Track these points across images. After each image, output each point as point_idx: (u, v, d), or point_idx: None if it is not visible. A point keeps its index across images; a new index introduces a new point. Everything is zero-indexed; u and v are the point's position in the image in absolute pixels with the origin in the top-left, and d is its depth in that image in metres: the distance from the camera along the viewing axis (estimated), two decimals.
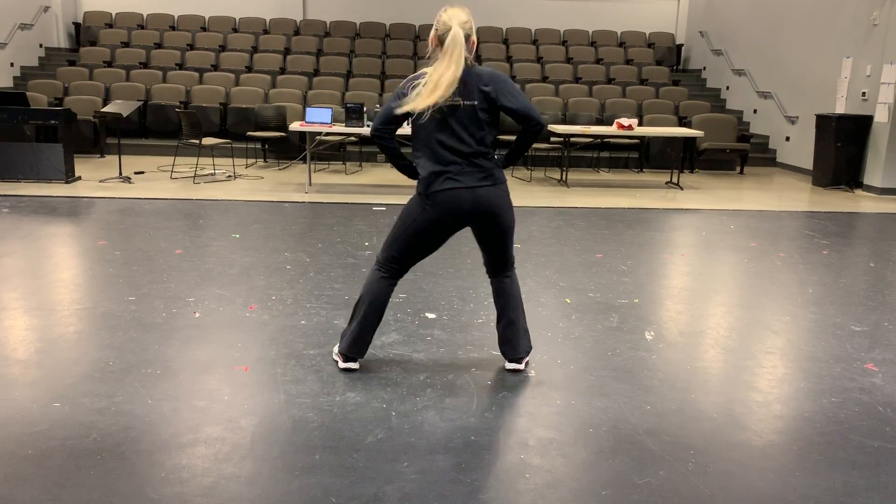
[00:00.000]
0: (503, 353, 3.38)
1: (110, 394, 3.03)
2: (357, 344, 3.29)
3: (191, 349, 3.53)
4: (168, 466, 2.50)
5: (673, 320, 4.19)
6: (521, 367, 3.39)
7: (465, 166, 3.06)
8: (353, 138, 10.13)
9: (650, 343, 3.82)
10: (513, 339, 3.34)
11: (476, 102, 3.02)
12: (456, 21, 3.01)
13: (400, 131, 7.80)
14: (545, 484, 2.47)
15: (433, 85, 2.96)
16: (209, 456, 2.57)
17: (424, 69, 3.08)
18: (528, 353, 3.39)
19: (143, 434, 2.71)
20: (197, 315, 4.00)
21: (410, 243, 3.16)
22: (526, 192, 8.57)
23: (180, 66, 12.42)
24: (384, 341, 3.71)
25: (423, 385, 3.21)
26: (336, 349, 3.43)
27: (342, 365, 3.35)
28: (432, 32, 3.08)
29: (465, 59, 3.02)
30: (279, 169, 9.92)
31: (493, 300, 3.46)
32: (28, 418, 2.81)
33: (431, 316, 4.13)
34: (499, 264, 3.29)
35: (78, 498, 2.30)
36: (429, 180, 3.07)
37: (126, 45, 12.96)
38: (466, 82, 3.02)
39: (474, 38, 3.09)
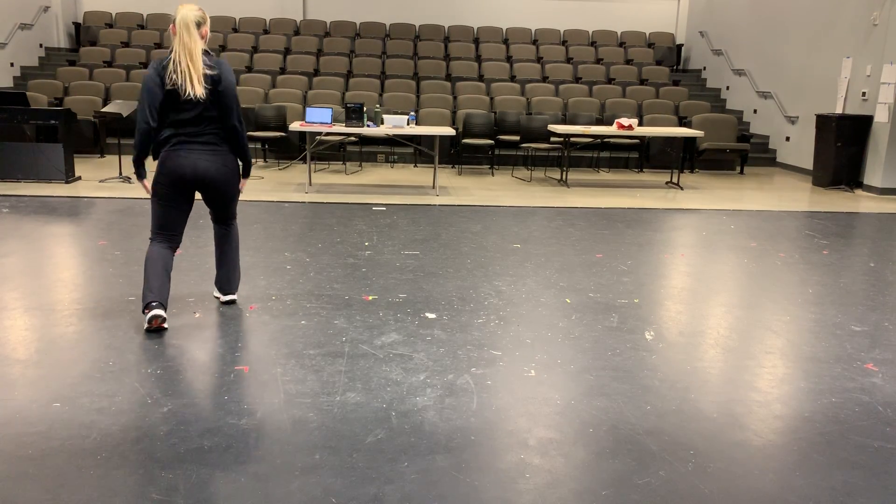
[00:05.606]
0: (221, 290, 4.14)
1: (110, 394, 3.03)
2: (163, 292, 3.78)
3: (191, 349, 3.53)
4: (168, 466, 2.50)
5: (673, 320, 4.19)
6: (235, 297, 4.20)
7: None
8: (353, 138, 10.13)
9: (650, 343, 3.82)
10: (231, 277, 4.12)
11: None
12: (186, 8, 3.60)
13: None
14: (545, 484, 2.47)
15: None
16: (209, 456, 2.57)
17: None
18: (238, 288, 4.28)
19: (143, 434, 2.71)
20: (197, 315, 4.00)
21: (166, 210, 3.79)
22: (526, 192, 8.57)
23: None
24: (384, 341, 3.72)
25: (423, 385, 3.21)
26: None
27: (153, 313, 3.71)
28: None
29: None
30: (279, 169, 9.93)
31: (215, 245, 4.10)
32: (28, 418, 2.81)
33: (431, 316, 4.13)
34: (220, 217, 4.03)
35: (78, 498, 2.30)
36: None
37: (126, 45, 12.96)
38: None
39: (207, 28, 3.67)
